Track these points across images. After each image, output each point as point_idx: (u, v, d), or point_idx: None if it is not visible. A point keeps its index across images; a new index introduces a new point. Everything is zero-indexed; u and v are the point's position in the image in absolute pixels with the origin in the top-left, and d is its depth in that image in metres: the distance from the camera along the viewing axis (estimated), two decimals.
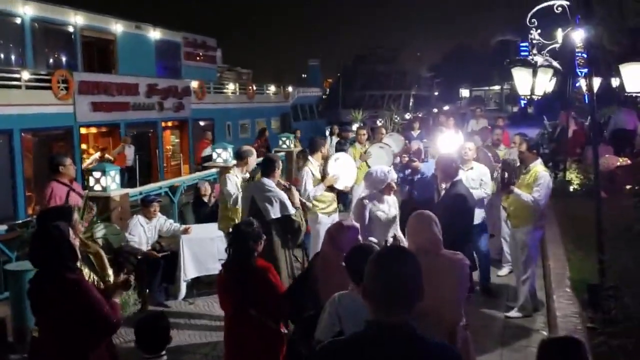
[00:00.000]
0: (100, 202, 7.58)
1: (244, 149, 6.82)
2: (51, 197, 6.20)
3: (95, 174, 7.74)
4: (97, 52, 18.83)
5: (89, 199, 6.33)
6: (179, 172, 19.80)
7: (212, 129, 23.13)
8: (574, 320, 5.42)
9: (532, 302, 6.42)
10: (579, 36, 6.27)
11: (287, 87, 32.88)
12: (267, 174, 5.68)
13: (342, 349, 2.16)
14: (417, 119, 17.97)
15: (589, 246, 6.38)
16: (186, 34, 23.10)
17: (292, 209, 5.53)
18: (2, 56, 15.18)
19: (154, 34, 20.49)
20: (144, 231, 7.22)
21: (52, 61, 16.79)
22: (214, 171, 10.94)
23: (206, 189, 8.58)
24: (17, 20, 14.83)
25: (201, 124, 22.69)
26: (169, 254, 7.30)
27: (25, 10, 14.87)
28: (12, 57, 15.40)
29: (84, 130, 16.66)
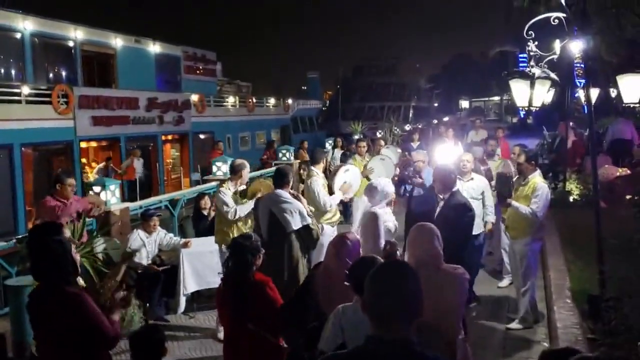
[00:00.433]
0: (100, 216, 7.60)
1: (238, 162, 6.78)
2: (43, 210, 6.18)
3: (95, 189, 7.75)
4: (97, 67, 18.91)
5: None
6: (179, 186, 19.82)
7: (212, 142, 23.24)
8: (574, 331, 5.41)
9: (533, 314, 6.39)
10: (577, 47, 6.30)
11: (287, 100, 33.01)
12: (280, 185, 5.70)
13: None
14: (416, 131, 18.04)
15: (589, 256, 6.37)
16: (186, 47, 23.20)
17: (309, 218, 5.60)
18: (2, 71, 15.25)
19: (154, 48, 20.59)
20: (144, 245, 7.22)
21: (52, 76, 16.87)
22: (214, 184, 10.95)
23: (206, 202, 8.57)
24: (17, 35, 14.90)
25: (201, 137, 22.77)
26: (169, 268, 7.30)
27: (25, 25, 14.95)
28: (12, 72, 15.47)
29: (84, 144, 16.74)
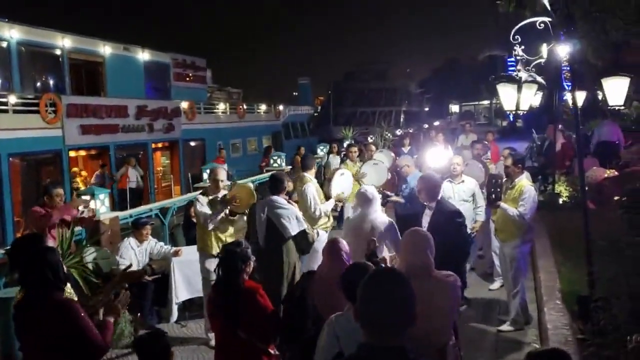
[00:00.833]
0: (90, 220, 7.56)
1: (211, 170, 6.82)
2: (31, 220, 6.15)
3: (84, 198, 7.71)
4: (86, 75, 18.77)
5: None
6: (170, 194, 19.73)
7: (203, 149, 23.20)
8: (564, 332, 5.44)
9: (524, 315, 6.42)
10: (563, 51, 6.35)
11: (278, 106, 32.98)
12: (276, 191, 5.83)
13: None
14: (407, 135, 18.13)
15: (579, 258, 6.41)
16: (175, 54, 23.12)
17: (304, 223, 5.75)
18: None
19: (143, 56, 20.50)
20: (135, 254, 7.18)
21: (40, 85, 16.75)
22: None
23: None
24: (4, 44, 14.77)
25: (192, 144, 22.69)
26: (160, 277, 7.26)
27: (11, 33, 14.82)
28: None
29: (73, 153, 16.59)
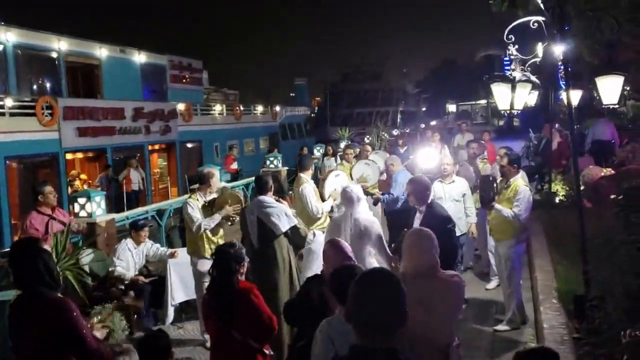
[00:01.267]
0: (86, 228, 7.57)
1: (206, 171, 6.72)
2: (28, 228, 6.16)
3: (80, 200, 7.72)
4: (82, 77, 18.79)
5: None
6: (167, 195, 19.70)
7: (200, 151, 23.19)
8: (560, 331, 5.44)
9: (520, 315, 6.43)
10: (559, 50, 6.36)
11: (275, 107, 32.99)
12: (263, 192, 5.96)
13: None
14: (403, 135, 18.15)
15: (575, 257, 6.41)
16: (171, 56, 23.14)
17: (295, 219, 5.84)
18: None
19: (139, 58, 20.51)
20: (132, 256, 7.18)
21: (36, 87, 16.75)
22: None
23: None
24: (0, 47, 14.76)
25: (189, 146, 22.70)
26: (157, 279, 7.27)
27: (7, 37, 14.82)
28: None
29: (70, 155, 16.59)
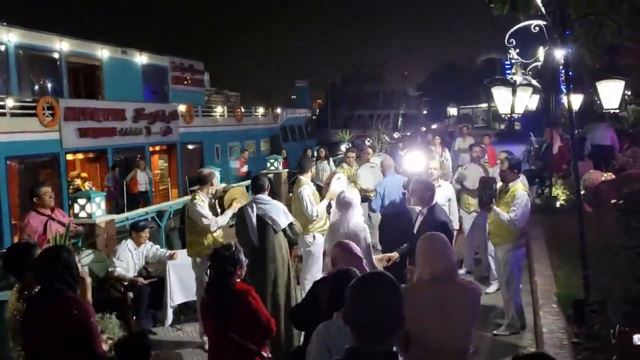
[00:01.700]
0: (85, 228, 7.56)
1: (206, 172, 6.83)
2: (26, 228, 6.14)
3: (80, 201, 7.70)
4: (84, 78, 18.81)
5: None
6: (167, 197, 19.72)
7: (200, 152, 23.21)
8: (560, 335, 5.42)
9: (520, 319, 6.41)
10: (560, 54, 6.36)
11: (276, 109, 33.02)
12: (260, 191, 6.07)
13: None
14: (403, 138, 18.13)
15: (575, 261, 6.40)
16: (173, 58, 23.18)
17: (291, 216, 6.06)
18: None
19: (141, 59, 20.54)
20: (132, 257, 7.15)
21: (38, 88, 16.76)
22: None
23: None
24: (1, 47, 14.78)
25: (190, 147, 22.72)
26: (156, 280, 7.25)
27: (9, 37, 14.85)
28: None
29: (70, 156, 16.61)
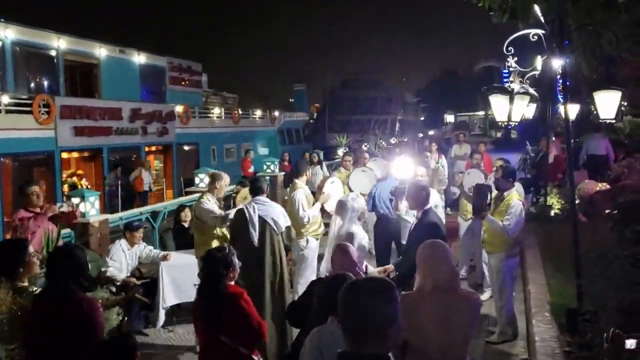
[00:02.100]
0: (79, 228, 7.53)
1: (216, 172, 6.92)
2: (17, 225, 6.06)
3: (74, 200, 7.67)
4: (80, 76, 18.77)
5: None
6: (162, 197, 19.66)
7: (196, 154, 23.16)
8: (552, 344, 5.41)
9: (512, 327, 6.41)
10: (558, 63, 6.38)
11: (274, 112, 33.02)
12: (261, 192, 6.12)
13: None
14: (400, 144, 18.15)
15: (569, 270, 6.40)
16: (171, 58, 23.14)
17: (289, 219, 6.18)
18: None
19: (139, 58, 20.50)
20: (125, 257, 7.13)
21: (34, 85, 16.69)
22: (197, 196, 10.88)
23: (187, 215, 8.50)
24: None
25: (186, 148, 22.68)
26: (149, 281, 7.22)
27: (6, 34, 14.80)
28: None
29: (65, 155, 16.54)
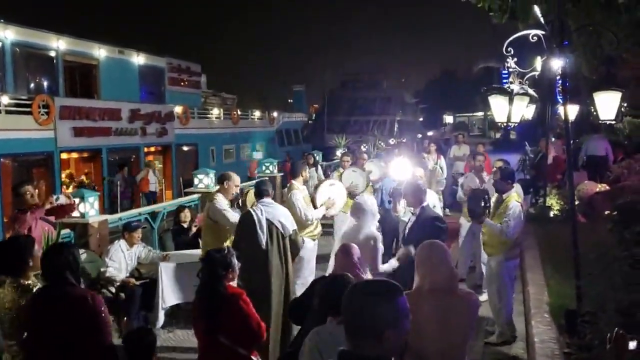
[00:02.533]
0: (78, 228, 7.53)
1: (227, 173, 6.86)
2: (15, 225, 6.05)
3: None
4: (80, 77, 18.77)
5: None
6: (161, 198, 19.65)
7: (195, 154, 23.16)
8: (551, 345, 5.42)
9: (511, 329, 6.41)
10: (557, 64, 6.38)
11: (272, 113, 33.04)
12: (267, 194, 6.02)
13: None
14: (399, 145, 18.14)
15: (568, 271, 6.40)
16: (170, 59, 23.14)
17: (294, 224, 6.00)
18: None
19: (138, 59, 20.51)
20: (124, 257, 7.12)
21: (33, 86, 16.70)
22: (196, 197, 10.89)
23: (186, 216, 8.49)
24: None
25: (185, 149, 22.68)
26: (148, 282, 7.22)
27: (6, 34, 14.81)
28: None
29: (65, 155, 16.55)
